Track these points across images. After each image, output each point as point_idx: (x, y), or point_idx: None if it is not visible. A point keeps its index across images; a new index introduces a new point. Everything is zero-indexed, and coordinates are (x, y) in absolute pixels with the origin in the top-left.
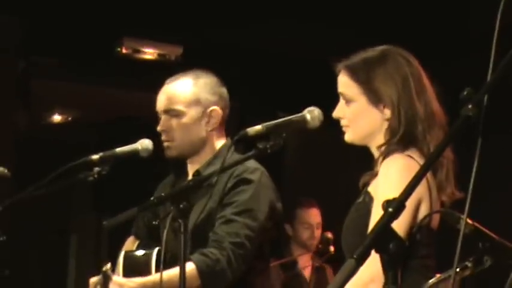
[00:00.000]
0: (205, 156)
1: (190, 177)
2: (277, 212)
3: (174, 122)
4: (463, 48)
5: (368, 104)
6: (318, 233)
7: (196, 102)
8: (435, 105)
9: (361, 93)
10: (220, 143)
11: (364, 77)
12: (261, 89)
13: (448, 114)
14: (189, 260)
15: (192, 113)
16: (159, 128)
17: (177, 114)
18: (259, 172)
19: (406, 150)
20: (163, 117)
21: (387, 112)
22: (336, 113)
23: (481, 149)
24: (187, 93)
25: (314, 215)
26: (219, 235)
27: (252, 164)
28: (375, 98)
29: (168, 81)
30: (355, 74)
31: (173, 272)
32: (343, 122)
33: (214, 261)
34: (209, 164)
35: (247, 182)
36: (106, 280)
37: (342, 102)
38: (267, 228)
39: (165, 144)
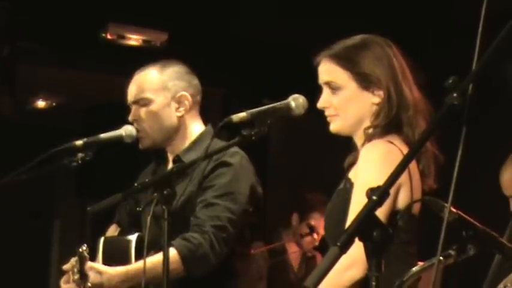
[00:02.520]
0: (181, 142)
1: (171, 163)
2: (258, 196)
3: (142, 110)
4: (448, 36)
5: (358, 89)
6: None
7: (164, 88)
8: (417, 93)
9: (350, 78)
10: (196, 128)
11: (351, 62)
12: (246, 76)
13: (432, 102)
14: (171, 245)
15: (160, 99)
16: (130, 118)
17: (146, 102)
18: (238, 156)
19: (386, 135)
20: (133, 107)
21: (379, 94)
22: (321, 104)
23: (465, 136)
24: (154, 80)
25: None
26: (200, 219)
27: (231, 148)
28: (365, 82)
29: (136, 72)
30: (342, 60)
31: (156, 259)
32: (328, 112)
33: (197, 245)
34: (189, 149)
35: (227, 165)
36: (82, 261)
37: (326, 91)
38: (248, 211)
39: (138, 135)
